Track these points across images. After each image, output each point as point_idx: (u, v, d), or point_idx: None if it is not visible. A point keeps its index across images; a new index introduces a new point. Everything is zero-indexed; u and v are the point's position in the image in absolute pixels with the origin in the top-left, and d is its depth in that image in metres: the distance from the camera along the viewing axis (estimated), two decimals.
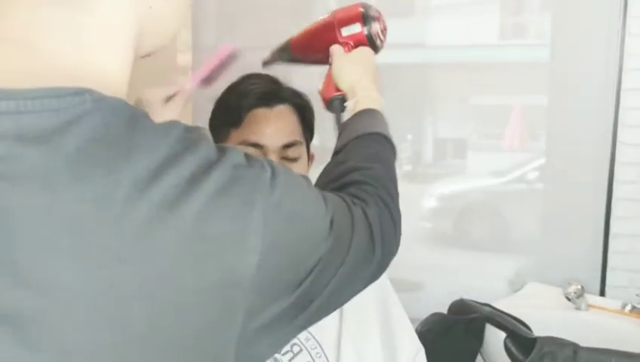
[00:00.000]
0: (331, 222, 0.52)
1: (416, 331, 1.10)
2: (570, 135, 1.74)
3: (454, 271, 1.93)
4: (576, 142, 1.72)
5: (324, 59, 0.93)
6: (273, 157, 0.95)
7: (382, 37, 0.91)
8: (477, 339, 1.47)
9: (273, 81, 1.01)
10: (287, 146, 0.96)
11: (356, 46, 0.90)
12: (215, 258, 0.41)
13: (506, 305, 1.52)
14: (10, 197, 0.37)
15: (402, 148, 2.04)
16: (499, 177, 2.02)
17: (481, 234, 2.03)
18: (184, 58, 2.13)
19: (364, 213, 0.60)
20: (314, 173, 1.06)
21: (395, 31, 2.09)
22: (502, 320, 1.41)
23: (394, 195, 0.67)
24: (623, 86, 1.63)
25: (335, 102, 0.88)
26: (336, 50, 0.90)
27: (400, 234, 0.66)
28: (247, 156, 0.46)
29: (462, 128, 2.06)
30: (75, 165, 0.38)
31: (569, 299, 1.54)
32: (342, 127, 0.79)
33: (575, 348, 1.25)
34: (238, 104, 0.97)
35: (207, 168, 0.42)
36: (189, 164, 0.41)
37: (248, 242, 0.43)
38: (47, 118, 0.38)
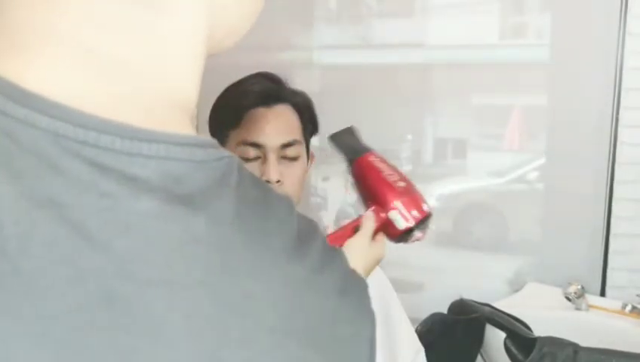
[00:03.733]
0: None
1: (417, 331, 1.10)
2: (570, 135, 1.74)
3: (454, 271, 1.93)
4: (576, 142, 1.72)
5: (364, 198, 0.88)
6: (272, 156, 0.95)
7: (409, 241, 0.85)
8: (477, 339, 1.47)
9: (273, 81, 1.00)
10: (286, 146, 0.96)
11: (384, 226, 0.84)
12: (339, 356, 0.38)
13: (506, 305, 1.52)
14: (175, 262, 0.32)
15: (402, 148, 2.04)
16: (499, 177, 2.02)
17: (481, 234, 2.03)
18: None
19: None
20: (313, 173, 1.06)
21: (395, 31, 2.09)
22: (502, 320, 1.40)
23: None
24: (623, 86, 1.63)
25: None
26: (366, 225, 0.83)
27: None
28: None
29: (462, 128, 2.06)
30: (239, 234, 0.34)
31: (569, 299, 1.53)
32: None
33: (575, 348, 1.25)
34: (237, 104, 0.97)
35: (329, 253, 0.40)
36: (315, 246, 0.38)
37: (361, 351, 0.40)
38: (196, 172, 0.34)
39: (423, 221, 0.83)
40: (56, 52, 0.33)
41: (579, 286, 1.53)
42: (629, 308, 1.50)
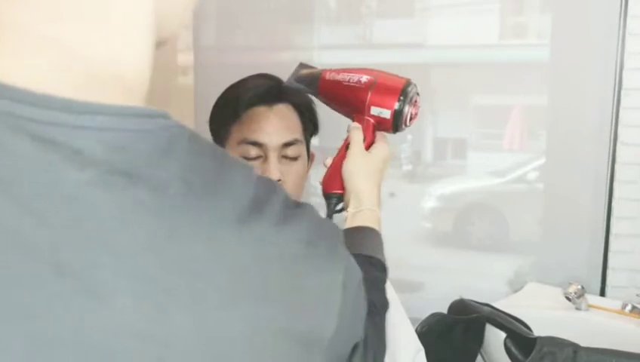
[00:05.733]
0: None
1: (416, 331, 1.10)
2: (570, 135, 1.74)
3: (454, 271, 1.93)
4: (576, 142, 1.72)
5: (346, 113, 0.87)
6: (273, 155, 0.95)
7: (408, 123, 0.83)
8: (477, 339, 1.47)
9: (274, 81, 1.01)
10: (287, 145, 0.97)
11: (377, 125, 0.83)
12: (307, 308, 0.40)
13: (506, 305, 1.52)
14: (118, 229, 0.33)
15: (402, 149, 2.04)
16: (499, 177, 2.02)
17: (481, 234, 2.03)
18: (184, 58, 2.13)
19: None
20: (314, 173, 1.06)
21: (395, 31, 2.09)
22: (502, 320, 1.40)
23: (382, 323, 0.68)
24: (623, 86, 1.63)
25: (333, 199, 0.83)
26: (354, 138, 0.83)
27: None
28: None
29: (462, 128, 2.06)
30: (186, 200, 0.35)
31: (569, 299, 1.53)
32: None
33: (575, 348, 1.25)
34: (237, 100, 0.97)
35: (294, 208, 0.41)
36: (275, 203, 0.40)
37: (332, 300, 0.41)
38: (140, 141, 0.35)
39: (403, 95, 0.82)
40: (5, 38, 0.35)
41: (579, 286, 1.53)
42: (629, 308, 1.50)
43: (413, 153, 2.06)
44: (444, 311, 1.55)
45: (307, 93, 0.93)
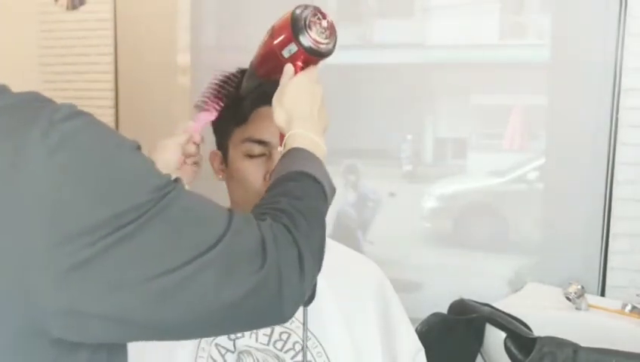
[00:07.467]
0: (166, 186, 0.54)
1: (416, 331, 1.10)
2: (570, 135, 1.74)
3: (454, 271, 1.92)
4: (576, 142, 1.72)
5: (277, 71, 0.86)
6: (276, 153, 0.95)
7: (323, 41, 0.80)
8: (477, 339, 1.47)
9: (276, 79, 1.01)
10: None
11: (305, 63, 0.81)
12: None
13: (506, 305, 1.52)
14: None
15: (402, 149, 2.04)
16: (499, 177, 2.02)
17: (481, 234, 2.03)
18: (184, 58, 2.13)
19: (257, 224, 0.59)
20: None
21: (395, 31, 2.09)
22: (502, 320, 1.41)
23: (305, 231, 0.62)
24: (623, 86, 1.63)
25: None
26: (285, 73, 0.82)
27: (310, 277, 0.61)
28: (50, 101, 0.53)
29: (462, 128, 2.06)
30: None
31: (569, 299, 1.53)
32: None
33: (575, 348, 1.25)
34: (242, 103, 0.97)
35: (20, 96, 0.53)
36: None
37: (23, 156, 0.48)
38: None
39: (294, 24, 0.79)
40: None
41: (579, 286, 1.53)
42: (629, 308, 1.50)
43: (413, 153, 2.06)
44: (444, 311, 1.55)
45: (256, 84, 0.93)
